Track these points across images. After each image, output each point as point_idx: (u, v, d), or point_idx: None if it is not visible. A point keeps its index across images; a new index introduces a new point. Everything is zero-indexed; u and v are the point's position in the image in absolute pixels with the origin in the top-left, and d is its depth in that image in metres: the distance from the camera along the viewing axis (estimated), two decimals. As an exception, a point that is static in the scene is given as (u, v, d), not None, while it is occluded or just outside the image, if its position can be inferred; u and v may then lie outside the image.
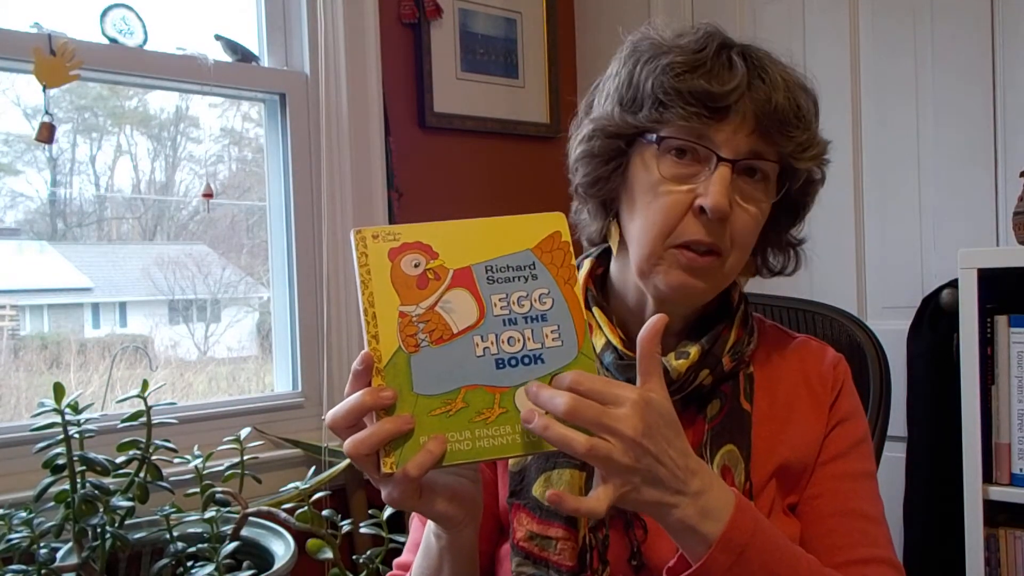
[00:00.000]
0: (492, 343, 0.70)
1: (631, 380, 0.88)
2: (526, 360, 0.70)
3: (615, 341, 0.91)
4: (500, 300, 0.71)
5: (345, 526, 1.43)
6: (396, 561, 0.97)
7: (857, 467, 0.95)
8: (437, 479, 0.72)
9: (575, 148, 0.93)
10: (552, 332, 0.71)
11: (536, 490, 0.88)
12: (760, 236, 0.92)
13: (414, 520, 0.98)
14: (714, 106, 0.83)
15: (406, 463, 0.67)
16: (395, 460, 0.67)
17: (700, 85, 0.83)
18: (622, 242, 0.92)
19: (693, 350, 0.89)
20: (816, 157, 0.88)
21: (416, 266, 0.71)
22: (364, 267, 0.70)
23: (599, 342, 0.92)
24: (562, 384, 0.69)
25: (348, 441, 0.67)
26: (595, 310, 0.94)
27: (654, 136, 0.86)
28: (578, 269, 0.97)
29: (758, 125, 0.84)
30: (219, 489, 1.43)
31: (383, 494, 0.70)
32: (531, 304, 0.72)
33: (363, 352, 0.68)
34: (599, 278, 0.98)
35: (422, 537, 0.89)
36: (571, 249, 0.75)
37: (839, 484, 0.93)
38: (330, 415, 0.69)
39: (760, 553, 0.74)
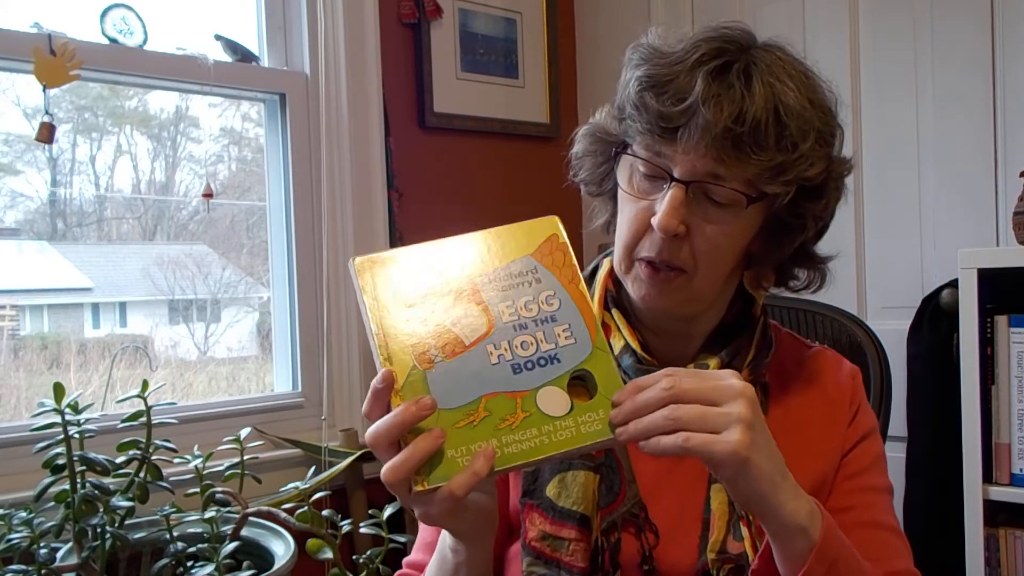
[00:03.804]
0: (506, 349, 0.70)
1: None
2: (542, 362, 0.70)
3: (633, 344, 0.91)
4: (508, 307, 0.72)
5: (345, 526, 1.43)
6: (406, 560, 0.97)
7: (878, 482, 0.96)
8: None
9: (574, 144, 0.96)
10: (564, 331, 0.71)
11: (550, 491, 0.88)
12: (766, 254, 0.92)
13: None
14: (665, 126, 0.82)
15: (446, 481, 0.66)
16: (425, 478, 0.66)
17: (651, 103, 0.82)
18: None
19: (712, 363, 0.90)
20: (792, 182, 0.83)
21: (420, 286, 0.72)
22: (369, 294, 0.71)
23: (617, 344, 0.91)
24: (659, 391, 0.68)
25: (387, 469, 0.66)
26: (614, 312, 0.94)
27: (621, 148, 0.87)
28: (596, 269, 0.98)
29: (713, 147, 0.81)
30: (219, 489, 1.43)
31: (417, 513, 0.70)
32: (539, 307, 0.72)
33: (383, 371, 0.68)
34: (618, 278, 0.97)
35: (433, 539, 0.90)
36: (570, 249, 0.75)
37: (864, 497, 0.94)
38: (370, 436, 0.67)
39: (847, 565, 0.76)
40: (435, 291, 0.72)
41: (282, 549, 1.41)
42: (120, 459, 1.35)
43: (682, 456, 0.84)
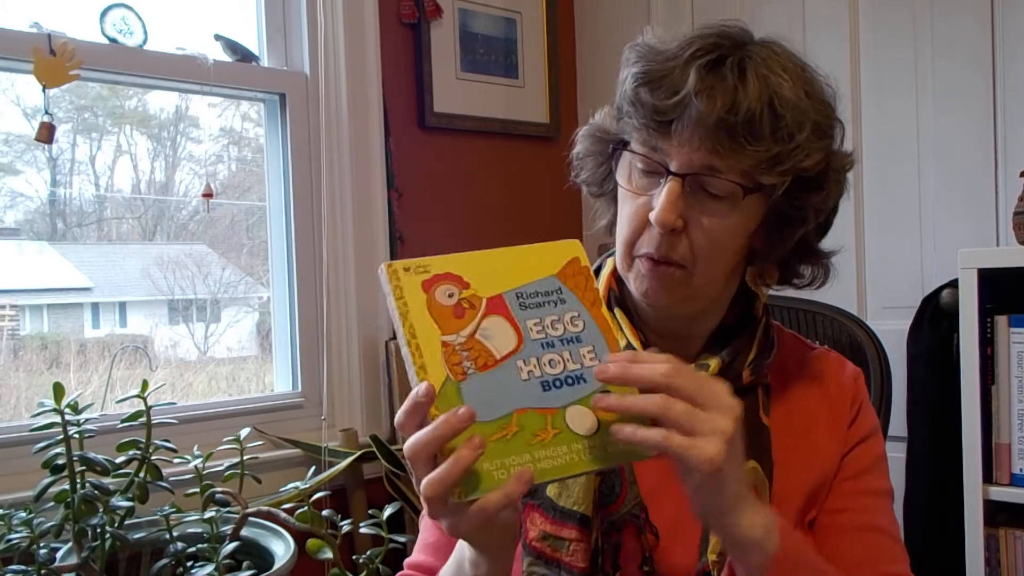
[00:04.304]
0: (535, 366, 0.71)
1: None
2: (570, 380, 0.71)
3: (635, 343, 0.91)
4: (535, 325, 0.73)
5: (345, 526, 1.43)
6: (408, 561, 0.96)
7: (878, 484, 0.96)
8: None
9: (575, 145, 0.96)
10: (588, 352, 0.73)
11: (551, 491, 0.88)
12: (768, 249, 0.91)
13: (425, 519, 0.98)
14: (660, 119, 0.82)
15: (483, 493, 0.66)
16: (463, 490, 0.66)
17: (646, 98, 0.82)
18: None
19: (713, 362, 0.89)
20: (788, 172, 0.83)
21: (450, 296, 0.72)
22: (400, 299, 0.71)
23: (620, 343, 0.91)
24: (655, 372, 0.69)
25: (428, 482, 0.65)
26: (617, 311, 0.94)
27: (619, 146, 0.88)
28: (601, 268, 0.98)
29: (707, 139, 0.81)
30: (219, 489, 1.43)
31: (446, 525, 0.69)
32: (564, 327, 0.73)
33: (425, 385, 0.67)
34: (620, 278, 0.97)
35: (434, 540, 0.90)
36: (591, 273, 0.76)
37: (862, 500, 0.94)
38: (409, 449, 0.66)
39: (806, 572, 0.77)
40: (466, 302, 0.72)
41: (282, 549, 1.41)
42: (120, 459, 1.35)
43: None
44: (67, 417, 1.28)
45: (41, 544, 1.27)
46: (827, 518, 0.94)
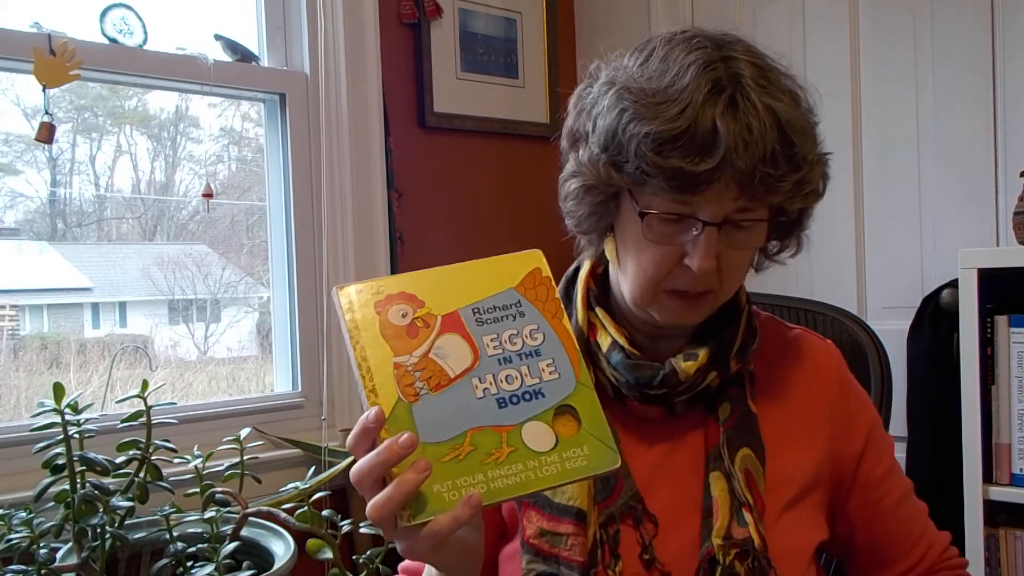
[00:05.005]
0: (491, 383, 0.70)
1: (639, 378, 0.89)
2: (527, 396, 0.71)
3: (621, 340, 0.91)
4: (492, 340, 0.72)
5: (345, 526, 1.43)
6: (402, 565, 0.96)
7: (889, 458, 1.02)
8: None
9: (563, 182, 0.93)
10: (548, 366, 0.72)
11: None
12: (770, 247, 0.95)
13: None
14: (696, 182, 0.81)
15: (432, 516, 0.66)
16: (412, 512, 0.66)
17: (678, 165, 0.80)
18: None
19: (701, 352, 0.90)
20: (811, 193, 0.86)
21: (404, 316, 0.72)
22: (352, 323, 0.71)
23: (604, 342, 0.92)
24: None
25: (372, 506, 0.66)
26: (598, 310, 0.94)
27: (638, 207, 0.85)
28: (579, 269, 0.98)
29: (745, 190, 0.81)
30: (219, 489, 1.43)
31: (400, 547, 0.70)
32: (523, 341, 0.73)
33: (375, 410, 0.68)
34: (600, 277, 0.98)
35: None
36: (553, 284, 0.76)
37: (889, 479, 1.00)
38: (354, 474, 0.68)
39: None
40: (420, 320, 0.72)
41: (282, 549, 1.40)
42: (120, 459, 1.35)
43: (676, 448, 0.88)
44: (67, 417, 1.28)
45: (41, 544, 1.27)
46: (871, 510, 0.98)
